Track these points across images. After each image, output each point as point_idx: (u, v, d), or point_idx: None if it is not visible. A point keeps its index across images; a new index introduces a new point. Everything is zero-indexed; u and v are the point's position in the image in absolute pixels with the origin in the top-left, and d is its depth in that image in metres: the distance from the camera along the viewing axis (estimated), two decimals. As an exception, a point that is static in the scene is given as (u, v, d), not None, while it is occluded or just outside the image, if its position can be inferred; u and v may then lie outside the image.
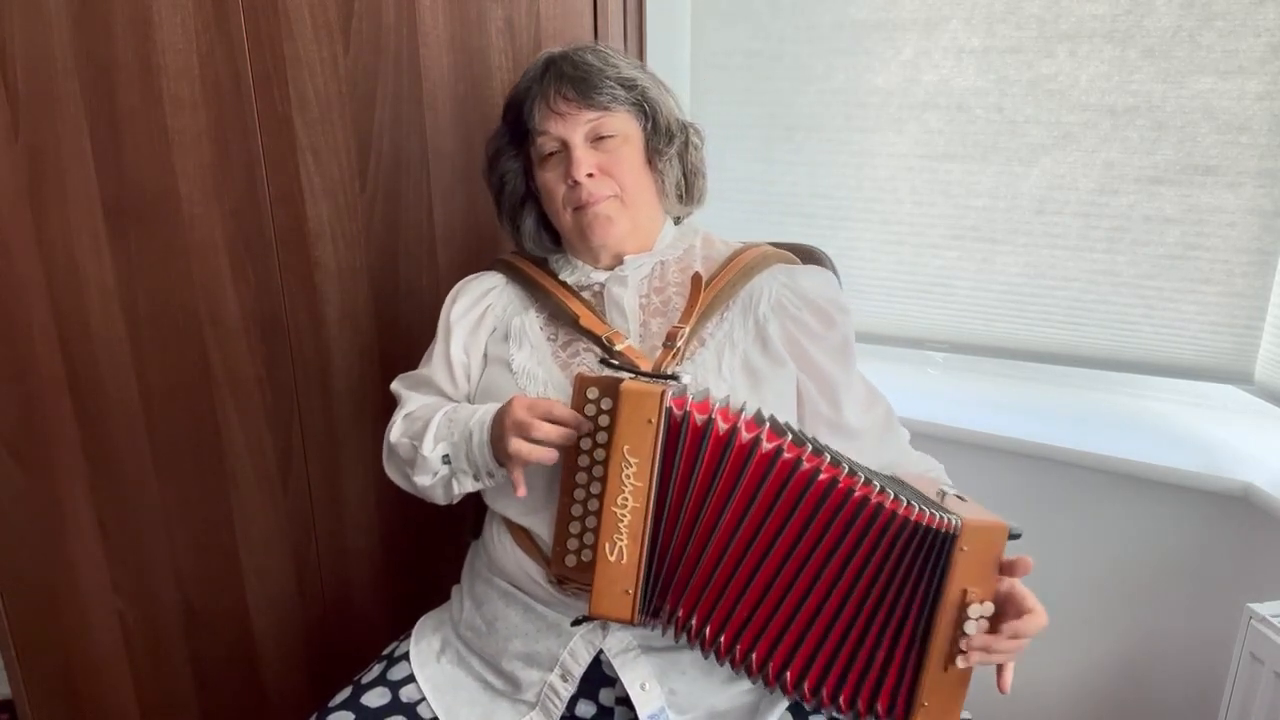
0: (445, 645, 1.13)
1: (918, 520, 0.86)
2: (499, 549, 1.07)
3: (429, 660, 1.11)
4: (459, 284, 1.18)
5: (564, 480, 0.94)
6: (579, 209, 1.06)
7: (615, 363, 0.97)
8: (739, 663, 0.92)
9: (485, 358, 1.13)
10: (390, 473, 1.14)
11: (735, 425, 0.88)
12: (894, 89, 1.45)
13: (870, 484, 0.87)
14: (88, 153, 1.25)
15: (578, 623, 0.99)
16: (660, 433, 0.87)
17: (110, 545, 1.43)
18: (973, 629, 0.85)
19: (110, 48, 1.22)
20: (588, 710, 1.03)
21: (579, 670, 1.01)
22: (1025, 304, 1.44)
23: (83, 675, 1.48)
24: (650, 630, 0.96)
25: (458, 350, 1.13)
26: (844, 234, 1.55)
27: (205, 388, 1.38)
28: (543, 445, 0.91)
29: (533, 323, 1.11)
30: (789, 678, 0.91)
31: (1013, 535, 0.86)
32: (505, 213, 1.16)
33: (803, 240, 1.26)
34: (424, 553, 1.53)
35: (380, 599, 1.55)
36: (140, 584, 1.46)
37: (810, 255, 1.24)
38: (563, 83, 1.04)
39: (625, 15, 1.39)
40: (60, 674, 1.47)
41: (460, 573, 1.20)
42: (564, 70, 1.05)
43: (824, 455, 0.89)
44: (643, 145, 1.08)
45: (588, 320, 1.07)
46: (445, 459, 1.02)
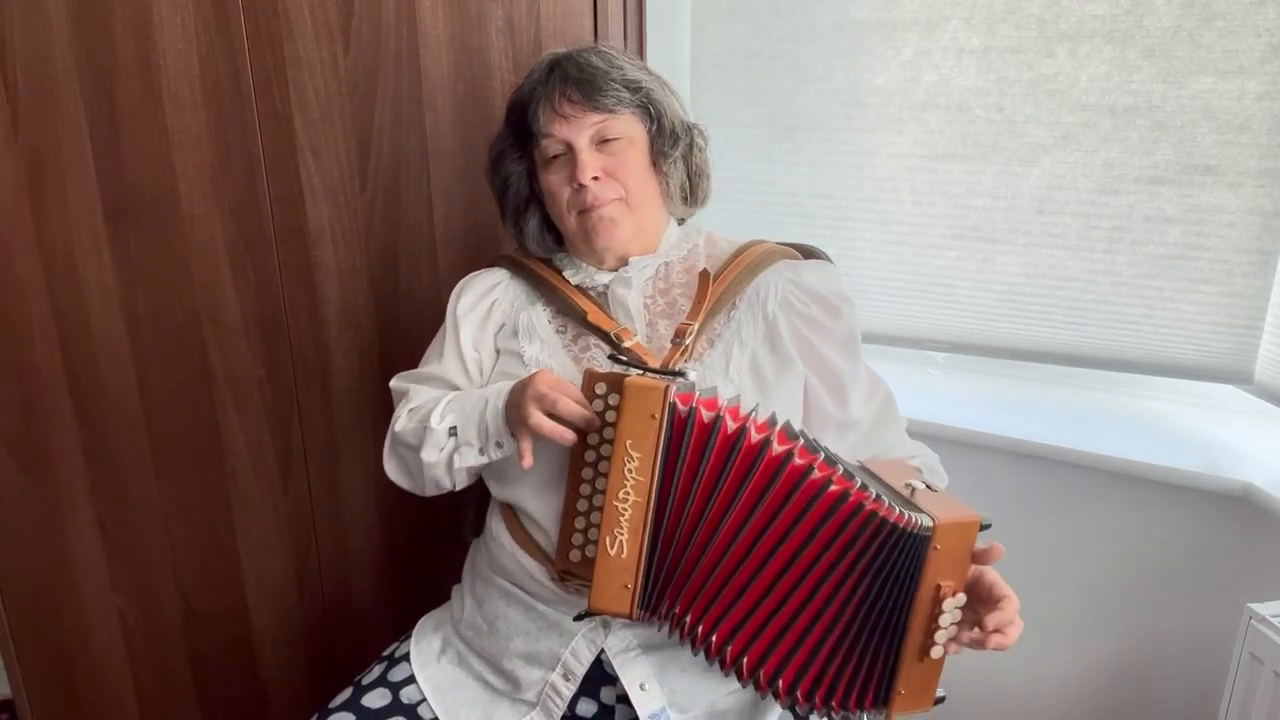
0: (446, 645, 1.13)
1: (903, 525, 0.86)
2: (500, 547, 1.07)
3: (429, 660, 1.11)
4: (463, 280, 1.17)
5: (570, 476, 0.94)
6: (584, 212, 1.06)
7: (623, 359, 0.97)
8: (729, 665, 0.92)
9: (497, 352, 1.13)
10: (390, 471, 1.13)
11: (745, 425, 0.88)
12: (894, 89, 1.45)
13: (880, 500, 0.87)
14: (88, 153, 1.25)
15: (580, 618, 0.99)
16: (663, 428, 0.88)
17: (110, 545, 1.42)
18: (946, 621, 0.87)
19: (110, 48, 1.22)
20: (588, 708, 1.03)
21: (581, 669, 1.01)
22: (1025, 304, 1.44)
23: (82, 675, 1.48)
24: (650, 628, 0.97)
25: (468, 345, 1.12)
26: (844, 234, 1.55)
27: (205, 388, 1.38)
28: (561, 424, 0.91)
29: (540, 316, 1.11)
30: (781, 686, 0.91)
31: (983, 526, 0.87)
32: (509, 215, 1.16)
33: (803, 240, 1.26)
34: (424, 553, 1.53)
35: (380, 599, 1.55)
36: (140, 583, 1.45)
37: (810, 255, 1.24)
38: (568, 85, 1.04)
39: (625, 15, 1.39)
40: (60, 674, 1.47)
41: (461, 572, 1.20)
42: (569, 72, 1.05)
43: (836, 466, 0.89)
44: (648, 147, 1.08)
45: (595, 316, 1.07)
46: (452, 431, 1.02)
